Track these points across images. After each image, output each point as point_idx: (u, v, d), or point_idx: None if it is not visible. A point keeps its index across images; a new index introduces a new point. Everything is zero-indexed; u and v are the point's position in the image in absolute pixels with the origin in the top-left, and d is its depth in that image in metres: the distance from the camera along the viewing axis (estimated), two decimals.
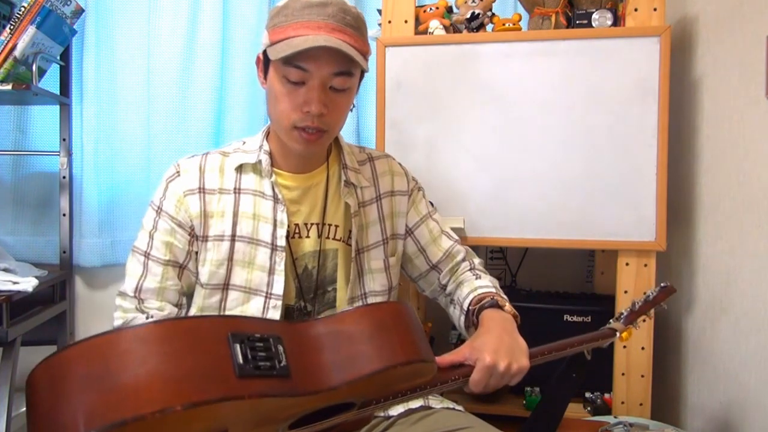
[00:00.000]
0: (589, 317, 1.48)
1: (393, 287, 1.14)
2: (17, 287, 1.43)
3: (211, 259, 1.03)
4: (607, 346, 1.05)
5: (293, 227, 1.06)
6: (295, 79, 0.95)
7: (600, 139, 1.36)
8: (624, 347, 1.38)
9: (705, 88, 1.39)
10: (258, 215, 1.04)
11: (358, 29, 0.97)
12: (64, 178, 1.78)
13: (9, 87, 1.46)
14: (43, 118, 1.83)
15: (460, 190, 1.42)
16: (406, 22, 1.45)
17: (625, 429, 1.20)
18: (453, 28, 1.49)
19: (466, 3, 1.47)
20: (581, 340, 1.00)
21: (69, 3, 1.58)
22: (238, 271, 1.03)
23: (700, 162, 1.40)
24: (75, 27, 1.68)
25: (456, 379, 0.88)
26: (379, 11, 1.49)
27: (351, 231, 1.08)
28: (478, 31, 1.45)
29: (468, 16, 1.46)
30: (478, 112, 1.40)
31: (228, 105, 1.80)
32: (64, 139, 1.76)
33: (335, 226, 1.09)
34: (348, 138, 1.62)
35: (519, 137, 1.39)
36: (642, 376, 1.38)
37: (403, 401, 0.87)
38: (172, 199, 1.05)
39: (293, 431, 0.75)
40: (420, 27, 1.48)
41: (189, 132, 1.79)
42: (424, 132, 1.43)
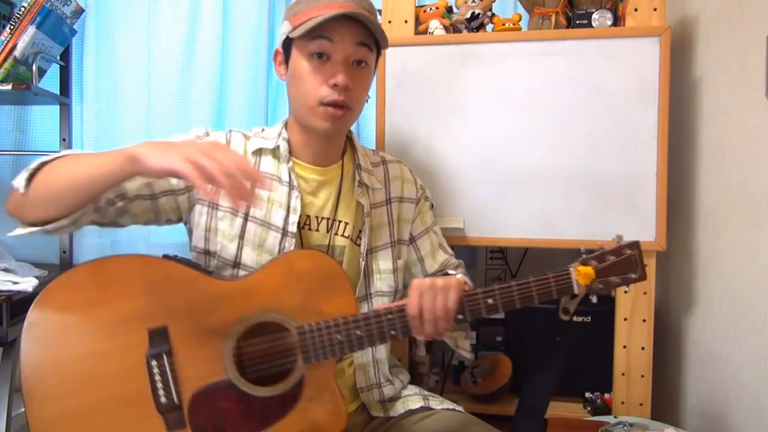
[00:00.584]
0: (589, 317, 1.48)
1: (399, 290, 1.15)
2: (17, 287, 1.43)
3: (223, 231, 1.03)
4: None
5: (305, 218, 1.07)
6: (321, 51, 1.00)
7: (600, 139, 1.36)
8: (624, 347, 1.38)
9: (705, 88, 1.39)
10: (272, 199, 1.05)
11: (373, 14, 1.04)
12: None
13: (9, 87, 1.46)
14: (43, 118, 1.82)
15: (460, 190, 1.42)
16: (406, 22, 1.45)
17: (625, 429, 1.20)
18: (453, 28, 1.49)
19: (466, 3, 1.47)
20: (536, 280, 0.95)
21: (69, 3, 1.58)
22: (248, 252, 1.03)
23: (700, 162, 1.40)
24: (75, 27, 1.68)
25: (393, 316, 0.91)
26: (379, 11, 1.49)
27: (360, 231, 1.09)
28: (478, 31, 1.45)
29: (468, 16, 1.46)
30: (478, 112, 1.40)
31: (228, 105, 1.80)
32: (64, 139, 1.76)
33: (345, 223, 1.09)
34: None
35: (519, 137, 1.39)
36: (642, 376, 1.38)
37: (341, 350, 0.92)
38: None
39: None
40: (420, 27, 1.48)
41: (189, 131, 1.78)
42: (423, 132, 1.43)
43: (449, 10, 1.50)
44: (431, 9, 1.47)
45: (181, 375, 0.89)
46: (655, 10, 1.35)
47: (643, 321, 1.37)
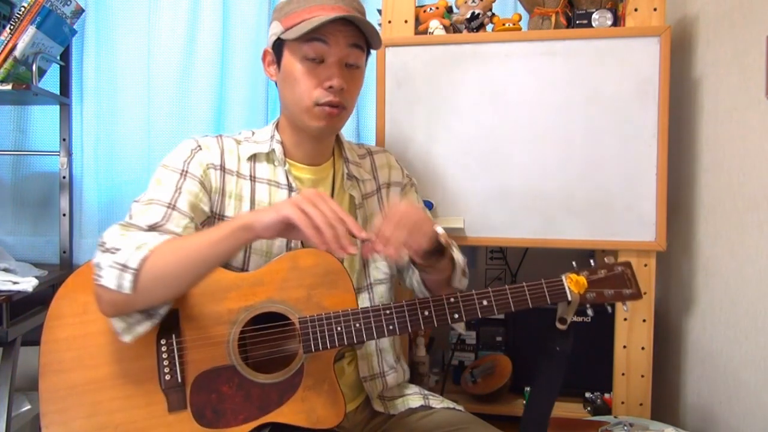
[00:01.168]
0: (589, 317, 1.48)
1: (393, 275, 1.18)
2: (17, 287, 1.43)
3: None
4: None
5: None
6: (315, 55, 1.00)
7: (600, 139, 1.36)
8: (624, 347, 1.38)
9: (705, 88, 1.39)
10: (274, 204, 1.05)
11: (364, 15, 1.06)
12: (64, 178, 1.77)
13: (9, 87, 1.46)
14: (43, 118, 1.83)
15: (460, 189, 1.42)
16: (406, 22, 1.45)
17: (625, 429, 1.20)
18: (453, 28, 1.49)
19: (466, 3, 1.47)
20: (529, 285, 0.99)
21: (69, 3, 1.58)
22: (255, 260, 1.04)
23: (700, 162, 1.40)
24: (75, 27, 1.68)
25: (392, 311, 0.96)
26: (379, 11, 1.49)
27: None
28: (478, 31, 1.45)
29: (468, 16, 1.46)
30: (478, 112, 1.40)
31: (228, 105, 1.80)
32: (64, 139, 1.76)
33: None
34: (349, 137, 1.62)
35: (519, 137, 1.39)
36: (642, 376, 1.38)
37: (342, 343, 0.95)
38: (197, 166, 1.02)
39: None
40: (420, 27, 1.48)
41: (189, 132, 1.78)
42: (423, 132, 1.43)
43: (449, 10, 1.50)
44: (431, 9, 1.47)
45: (187, 357, 0.94)
46: (655, 10, 1.35)
47: (643, 321, 1.37)
